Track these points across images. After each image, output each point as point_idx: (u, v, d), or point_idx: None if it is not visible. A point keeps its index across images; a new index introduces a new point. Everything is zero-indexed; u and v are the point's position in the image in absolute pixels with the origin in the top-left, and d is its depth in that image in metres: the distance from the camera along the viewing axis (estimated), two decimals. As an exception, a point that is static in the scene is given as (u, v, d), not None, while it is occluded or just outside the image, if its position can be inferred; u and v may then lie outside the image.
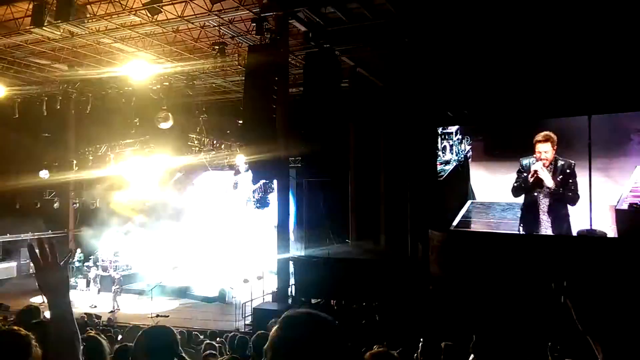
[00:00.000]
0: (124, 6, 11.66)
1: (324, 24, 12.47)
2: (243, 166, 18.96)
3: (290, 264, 13.56)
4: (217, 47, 14.05)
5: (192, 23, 12.91)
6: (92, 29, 13.12)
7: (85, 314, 13.28)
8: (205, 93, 19.82)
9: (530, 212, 12.27)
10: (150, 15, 11.37)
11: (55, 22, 11.35)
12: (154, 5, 10.71)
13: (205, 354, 5.13)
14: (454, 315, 9.77)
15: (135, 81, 15.86)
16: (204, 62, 15.25)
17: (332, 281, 12.79)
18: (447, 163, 14.34)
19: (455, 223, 13.88)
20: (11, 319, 6.94)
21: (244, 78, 13.24)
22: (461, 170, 14.15)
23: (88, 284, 18.39)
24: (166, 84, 16.29)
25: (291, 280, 13.52)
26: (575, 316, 1.49)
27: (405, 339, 6.74)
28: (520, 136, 12.86)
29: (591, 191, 11.49)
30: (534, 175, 11.87)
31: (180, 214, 23.55)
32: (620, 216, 10.70)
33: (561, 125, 12.46)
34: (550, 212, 12.05)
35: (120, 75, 16.06)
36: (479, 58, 12.86)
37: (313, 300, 13.28)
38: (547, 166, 11.85)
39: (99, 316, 13.57)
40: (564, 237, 12.00)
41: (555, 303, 1.57)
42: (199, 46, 14.90)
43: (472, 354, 2.63)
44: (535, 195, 12.13)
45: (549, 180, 11.83)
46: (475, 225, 13.86)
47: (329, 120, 12.16)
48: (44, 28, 11.63)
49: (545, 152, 11.81)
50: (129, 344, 3.36)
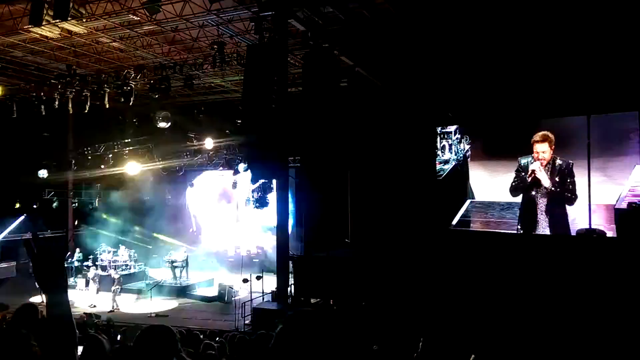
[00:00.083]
0: (122, 5, 11.65)
1: (323, 24, 12.47)
2: (242, 166, 18.98)
3: (290, 264, 13.57)
4: (216, 47, 14.05)
5: (191, 22, 12.91)
6: (91, 28, 13.11)
7: (85, 313, 13.29)
8: (204, 93, 19.82)
9: (528, 212, 12.31)
10: (149, 15, 11.37)
11: (54, 21, 11.33)
12: (153, 5, 10.70)
13: (205, 354, 5.13)
14: (453, 315, 9.79)
15: (135, 81, 15.84)
16: (203, 62, 15.25)
17: (332, 281, 12.79)
18: (447, 162, 14.36)
19: (454, 222, 13.91)
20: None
21: (242, 78, 13.23)
22: (460, 170, 14.17)
23: (87, 284, 18.37)
24: (165, 83, 16.26)
25: (290, 280, 13.52)
26: None
27: (404, 338, 6.75)
28: (519, 136, 12.88)
29: (590, 191, 11.52)
30: (532, 175, 11.91)
31: (179, 213, 23.59)
32: (620, 215, 10.72)
33: (560, 125, 12.50)
34: (547, 212, 12.09)
35: (120, 75, 16.05)
36: (478, 58, 12.87)
37: (312, 300, 13.29)
38: (545, 166, 11.88)
39: (98, 315, 13.57)
40: (563, 237, 12.02)
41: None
42: (197, 45, 14.89)
43: (473, 355, 2.64)
44: (533, 194, 12.16)
45: (546, 180, 11.86)
46: (475, 225, 13.88)
47: (328, 119, 12.15)
48: (42, 27, 11.61)
49: (543, 152, 11.85)
50: (129, 344, 3.36)
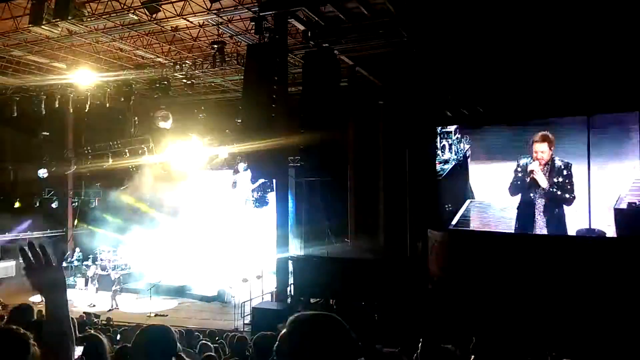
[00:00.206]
0: (122, 4, 11.64)
1: (323, 24, 12.47)
2: (242, 165, 18.96)
3: (290, 263, 13.56)
4: (216, 46, 14.04)
5: (191, 22, 12.89)
6: (91, 28, 13.09)
7: (84, 313, 13.28)
8: (204, 92, 19.81)
9: (526, 212, 12.32)
10: (149, 14, 11.35)
11: (54, 21, 11.32)
12: (153, 4, 10.68)
13: (205, 355, 5.12)
14: (453, 314, 9.79)
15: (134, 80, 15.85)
16: (203, 61, 15.23)
17: (331, 280, 12.79)
18: (447, 162, 14.34)
19: (454, 222, 13.89)
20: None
21: (242, 77, 13.22)
22: (460, 170, 14.15)
23: (87, 283, 18.37)
24: (165, 83, 16.26)
25: (290, 280, 13.51)
26: None
27: (404, 338, 6.74)
28: (519, 136, 12.88)
29: (590, 191, 11.51)
30: (530, 175, 11.91)
31: (178, 212, 23.54)
32: (619, 215, 10.71)
33: (559, 125, 12.48)
34: (545, 212, 12.09)
35: (119, 74, 16.05)
36: (478, 57, 12.86)
37: (312, 300, 13.28)
38: (544, 166, 11.88)
39: (97, 315, 13.55)
40: (562, 237, 12.01)
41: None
42: (197, 45, 14.88)
43: (473, 355, 2.63)
44: (532, 195, 12.16)
45: (544, 181, 11.86)
46: (474, 224, 13.87)
47: (328, 119, 12.14)
48: (42, 27, 11.60)
49: (542, 152, 11.85)
50: (128, 344, 3.35)
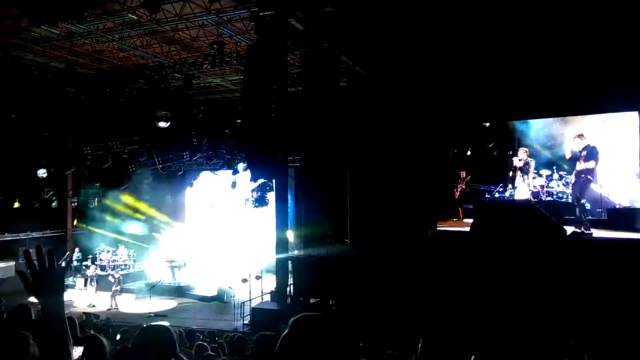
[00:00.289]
0: (122, 4, 11.63)
1: (323, 24, 12.45)
2: (241, 165, 18.95)
3: (289, 264, 13.56)
4: (216, 46, 14.02)
5: (191, 22, 12.89)
6: (91, 28, 13.09)
7: (84, 313, 13.25)
8: (203, 92, 19.79)
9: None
10: (148, 14, 11.34)
11: (54, 21, 11.30)
12: (153, 3, 10.64)
13: (204, 355, 5.12)
14: (453, 314, 9.78)
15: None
16: (203, 61, 15.23)
17: (331, 281, 12.78)
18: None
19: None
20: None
21: (242, 77, 13.21)
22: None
23: (86, 283, 18.34)
24: (165, 83, 16.25)
25: (290, 280, 13.51)
26: None
27: (403, 339, 6.74)
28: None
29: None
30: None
31: (177, 212, 23.54)
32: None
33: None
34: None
35: (119, 74, 16.04)
36: (478, 57, 12.87)
37: (312, 300, 13.28)
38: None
39: (97, 315, 13.52)
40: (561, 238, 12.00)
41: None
42: (197, 45, 14.87)
43: (473, 356, 2.62)
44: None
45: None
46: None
47: (328, 119, 12.14)
48: (42, 27, 11.59)
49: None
50: (128, 344, 3.35)
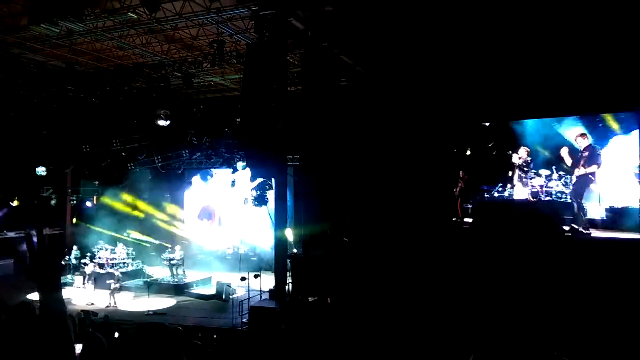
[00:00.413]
0: (122, 3, 11.63)
1: (323, 23, 12.46)
2: (241, 164, 18.98)
3: (288, 262, 13.58)
4: (216, 45, 14.02)
5: (191, 21, 12.88)
6: (90, 27, 13.08)
7: (82, 311, 13.26)
8: (203, 91, 19.79)
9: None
10: (148, 13, 11.33)
11: (54, 19, 11.31)
12: (153, 1, 10.64)
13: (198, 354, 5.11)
14: (453, 311, 9.82)
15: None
16: (203, 60, 15.22)
17: (330, 279, 12.80)
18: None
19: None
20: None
21: (242, 76, 13.21)
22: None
23: (84, 281, 18.33)
24: (165, 81, 16.25)
25: (288, 278, 13.52)
26: None
27: (404, 338, 6.77)
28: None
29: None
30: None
31: (177, 210, 23.56)
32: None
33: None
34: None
35: (119, 73, 16.04)
36: (478, 57, 12.90)
37: (310, 298, 13.30)
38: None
39: (95, 313, 13.54)
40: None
41: None
42: (197, 44, 14.87)
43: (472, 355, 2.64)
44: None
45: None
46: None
47: (327, 118, 12.16)
48: (41, 25, 11.59)
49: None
50: (126, 342, 3.36)
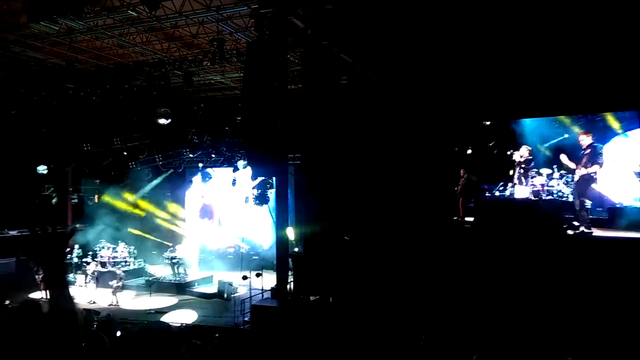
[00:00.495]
0: (122, 1, 11.61)
1: (323, 21, 12.42)
2: (241, 163, 18.98)
3: (289, 261, 13.58)
4: (216, 44, 14.00)
5: (191, 19, 12.86)
6: (90, 25, 13.06)
7: (84, 309, 13.29)
8: (203, 89, 19.78)
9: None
10: (148, 11, 11.31)
11: (54, 17, 11.28)
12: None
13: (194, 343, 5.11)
14: (455, 310, 9.80)
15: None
16: (203, 59, 15.20)
17: (331, 278, 12.78)
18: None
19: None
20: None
21: (242, 74, 13.18)
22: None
23: (86, 280, 18.38)
24: (165, 80, 16.24)
25: (290, 277, 13.51)
26: None
27: (405, 336, 6.76)
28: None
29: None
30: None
31: (178, 209, 23.57)
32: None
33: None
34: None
35: (119, 71, 16.03)
36: (478, 55, 12.86)
37: (312, 297, 13.29)
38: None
39: (97, 312, 13.58)
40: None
41: None
42: (197, 42, 14.85)
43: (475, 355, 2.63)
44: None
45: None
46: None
47: (328, 116, 12.13)
48: (41, 23, 11.57)
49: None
50: (128, 341, 3.35)
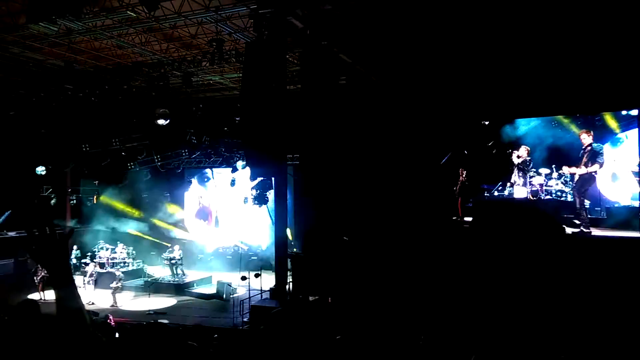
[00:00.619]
0: (120, 1, 11.60)
1: (322, 21, 12.42)
2: (240, 163, 18.97)
3: (288, 261, 13.57)
4: (215, 44, 13.99)
5: (190, 19, 12.85)
6: (89, 25, 13.05)
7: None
8: (202, 90, 19.76)
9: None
10: (147, 11, 11.30)
11: (52, 18, 11.27)
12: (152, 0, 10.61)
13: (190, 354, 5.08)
14: (454, 310, 9.80)
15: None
16: (202, 59, 15.19)
17: (330, 278, 12.78)
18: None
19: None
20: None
21: (241, 75, 13.18)
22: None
23: (85, 281, 18.31)
24: (164, 80, 16.22)
25: (289, 278, 13.51)
26: None
27: (404, 336, 6.75)
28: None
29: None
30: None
31: (177, 210, 23.54)
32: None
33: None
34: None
35: (118, 72, 16.02)
36: (477, 55, 12.87)
37: (311, 298, 13.28)
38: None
39: (96, 313, 13.53)
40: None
41: None
42: (196, 43, 14.84)
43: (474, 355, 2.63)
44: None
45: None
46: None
47: (327, 117, 12.13)
48: (40, 24, 11.55)
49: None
50: (128, 343, 3.35)
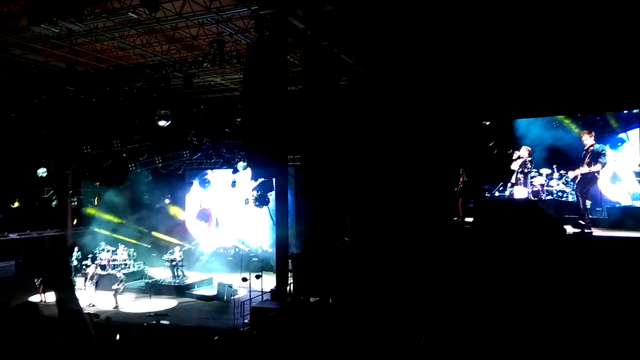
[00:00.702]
0: (122, 3, 11.60)
1: (323, 22, 12.42)
2: (241, 164, 18.96)
3: (289, 263, 13.54)
4: (216, 45, 14.00)
5: (191, 20, 12.85)
6: (90, 27, 13.05)
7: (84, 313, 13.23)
8: (203, 91, 19.77)
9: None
10: (148, 13, 11.30)
11: (54, 20, 11.27)
12: (153, 1, 10.60)
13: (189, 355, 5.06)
14: (455, 311, 9.77)
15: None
16: (203, 60, 15.19)
17: (331, 279, 12.75)
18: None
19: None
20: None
21: (242, 76, 13.18)
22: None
23: (86, 283, 18.32)
24: (165, 82, 16.22)
25: (290, 279, 13.48)
26: None
27: (405, 337, 6.73)
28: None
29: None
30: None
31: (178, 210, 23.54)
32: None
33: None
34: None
35: (119, 73, 16.02)
36: (478, 55, 12.86)
37: (312, 299, 13.25)
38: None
39: (97, 315, 13.53)
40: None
41: None
42: (197, 44, 14.84)
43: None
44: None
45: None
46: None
47: (328, 117, 12.11)
48: (41, 26, 11.55)
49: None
50: (127, 343, 3.34)
